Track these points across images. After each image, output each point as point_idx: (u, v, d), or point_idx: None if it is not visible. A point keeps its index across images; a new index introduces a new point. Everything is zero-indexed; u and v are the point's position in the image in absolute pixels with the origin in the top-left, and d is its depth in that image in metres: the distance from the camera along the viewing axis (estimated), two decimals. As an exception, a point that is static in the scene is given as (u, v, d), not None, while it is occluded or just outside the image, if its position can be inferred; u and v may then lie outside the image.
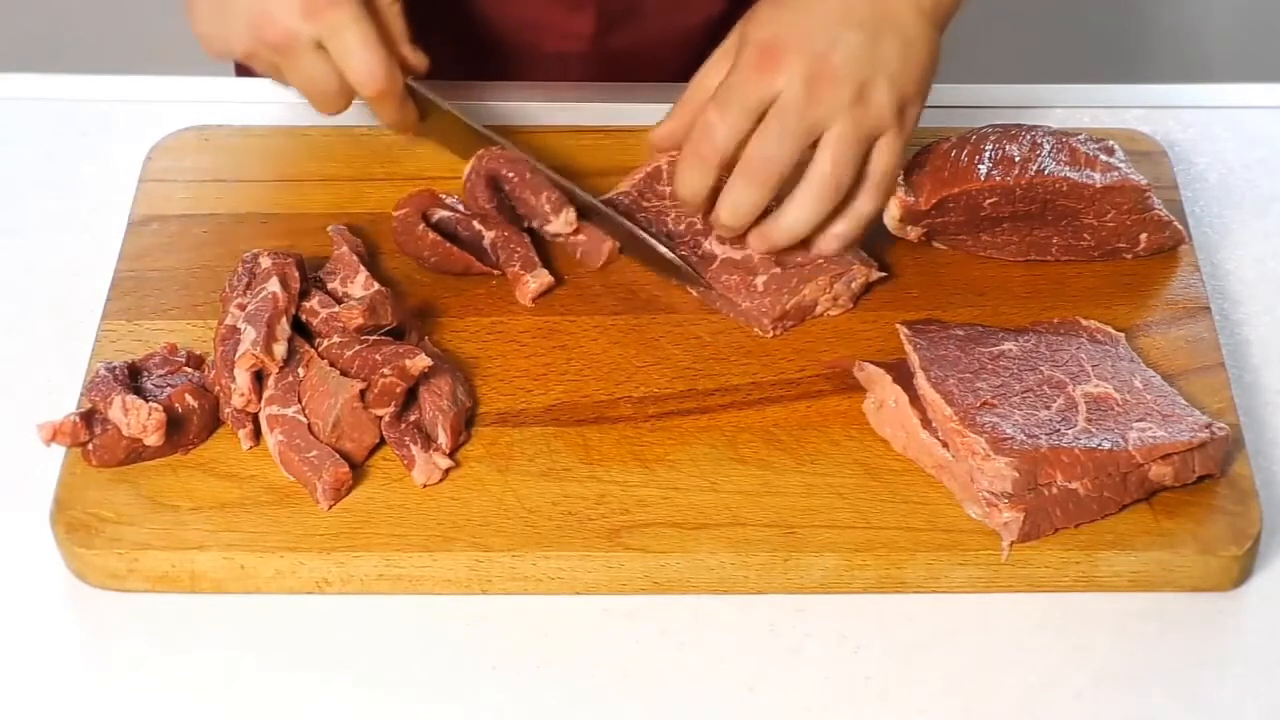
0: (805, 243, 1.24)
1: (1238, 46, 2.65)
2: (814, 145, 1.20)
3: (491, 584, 1.12)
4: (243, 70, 1.57)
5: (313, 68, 1.25)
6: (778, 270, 1.23)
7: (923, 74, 1.22)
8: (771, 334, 1.23)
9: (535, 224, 1.28)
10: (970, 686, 1.09)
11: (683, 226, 1.28)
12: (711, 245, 1.26)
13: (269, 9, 1.24)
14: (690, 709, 1.08)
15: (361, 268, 1.23)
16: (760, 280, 1.23)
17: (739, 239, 1.24)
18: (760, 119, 1.19)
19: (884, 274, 1.25)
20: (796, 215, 1.21)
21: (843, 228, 1.23)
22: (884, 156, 1.21)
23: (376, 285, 1.21)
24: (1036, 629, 1.11)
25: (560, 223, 1.26)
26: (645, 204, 1.29)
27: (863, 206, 1.23)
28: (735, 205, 1.21)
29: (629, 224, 1.26)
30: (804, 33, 1.19)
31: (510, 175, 1.27)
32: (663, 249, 1.24)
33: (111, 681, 1.09)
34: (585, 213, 1.27)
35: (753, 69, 1.19)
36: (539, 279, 1.24)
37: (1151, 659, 1.11)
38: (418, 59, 1.30)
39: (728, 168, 1.21)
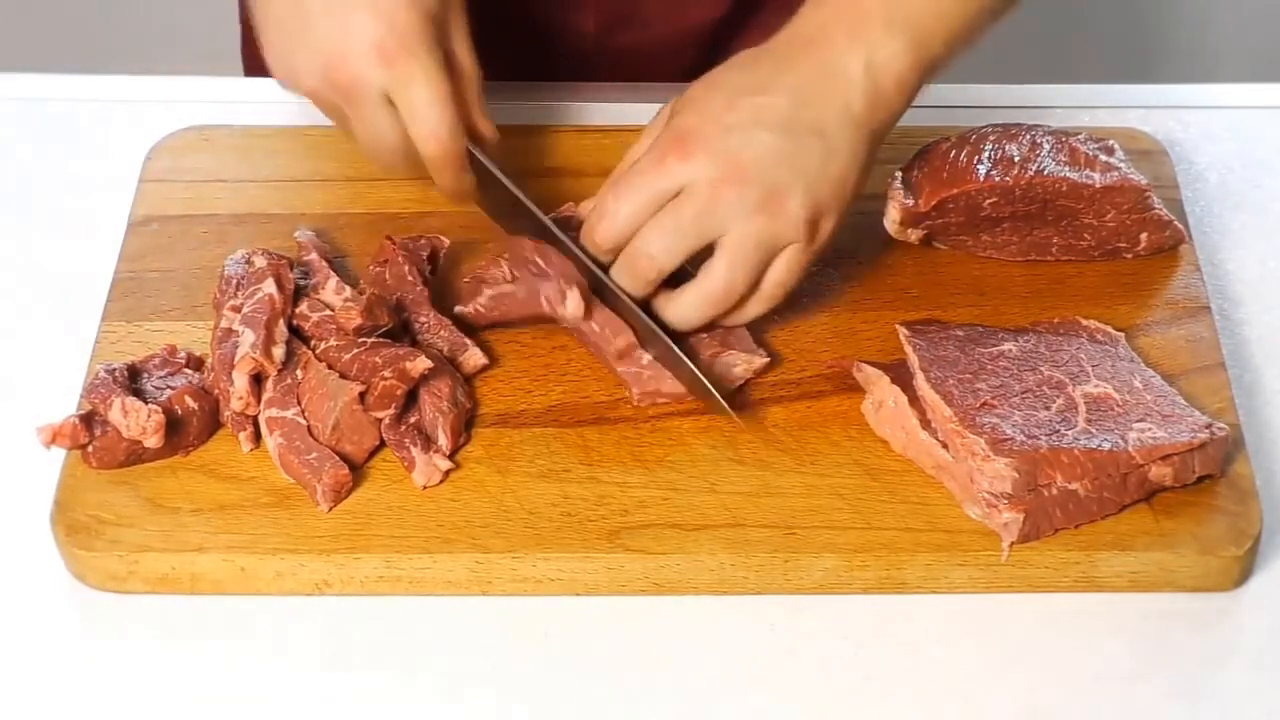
0: None
1: (1238, 46, 2.64)
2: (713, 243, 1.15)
3: (492, 585, 1.12)
4: (252, 70, 1.57)
5: (377, 119, 1.19)
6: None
7: (841, 186, 1.16)
8: (638, 404, 1.19)
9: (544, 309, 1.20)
10: (970, 686, 1.09)
11: None
12: None
13: (343, 50, 1.17)
14: (690, 709, 1.08)
15: (332, 273, 1.22)
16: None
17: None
18: (659, 207, 1.15)
19: (768, 360, 1.20)
20: (682, 311, 1.17)
21: (730, 322, 1.19)
22: (782, 268, 1.17)
23: (347, 290, 1.21)
24: (1036, 629, 1.11)
25: (570, 308, 1.18)
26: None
27: (749, 310, 1.19)
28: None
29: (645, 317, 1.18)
30: (722, 127, 1.15)
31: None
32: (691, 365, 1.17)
33: (112, 683, 1.09)
34: (597, 291, 1.20)
35: (661, 157, 1.15)
36: (473, 359, 1.20)
37: (1151, 659, 1.11)
38: (489, 130, 1.24)
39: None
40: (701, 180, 1.14)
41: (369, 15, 1.17)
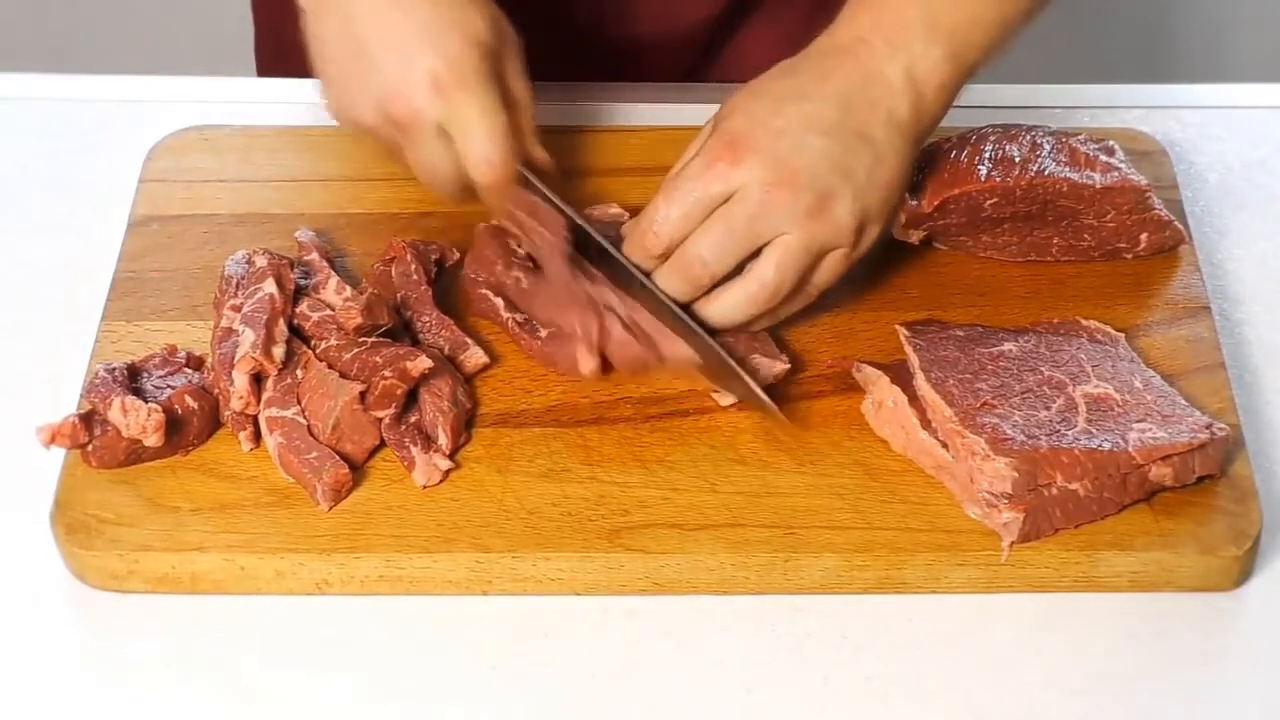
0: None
1: (1238, 46, 2.64)
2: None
3: (492, 585, 1.12)
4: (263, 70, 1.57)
5: (432, 151, 1.21)
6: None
7: (888, 192, 1.17)
8: None
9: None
10: (970, 686, 1.09)
11: None
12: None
13: (400, 86, 1.19)
14: (690, 709, 1.08)
15: (333, 273, 1.23)
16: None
17: None
18: (710, 212, 1.16)
19: (788, 365, 1.20)
20: (725, 310, 1.18)
21: (759, 325, 1.20)
22: (826, 272, 1.18)
23: (348, 290, 1.21)
24: (1036, 629, 1.11)
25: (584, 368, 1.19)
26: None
27: (785, 309, 1.19)
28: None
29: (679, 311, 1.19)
30: (772, 131, 1.15)
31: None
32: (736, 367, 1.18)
33: (112, 683, 1.09)
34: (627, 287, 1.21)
35: (711, 162, 1.15)
36: (474, 358, 1.21)
37: (1151, 659, 1.11)
38: (543, 158, 1.25)
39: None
40: (754, 184, 1.14)
41: (427, 51, 1.18)
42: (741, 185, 1.15)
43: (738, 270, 1.17)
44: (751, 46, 1.33)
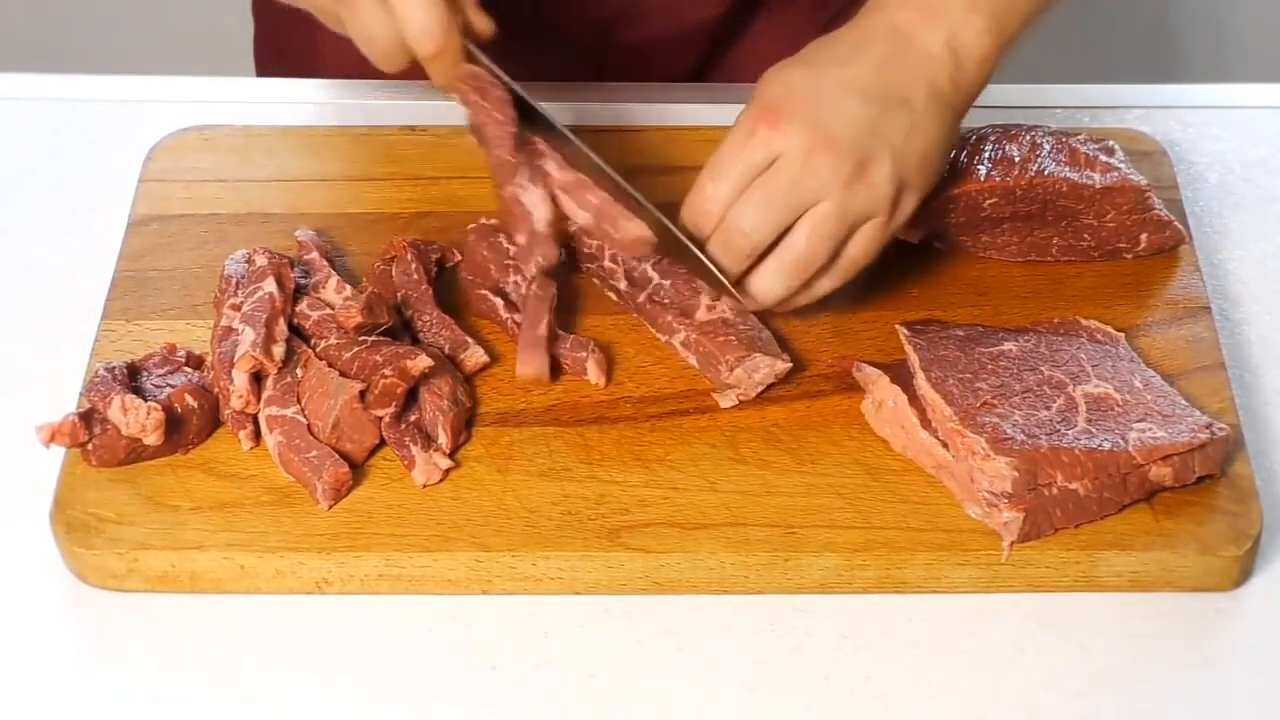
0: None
1: (1238, 46, 2.65)
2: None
3: (491, 584, 1.12)
4: (263, 69, 1.57)
5: (372, 22, 1.18)
6: (692, 336, 1.20)
7: (926, 159, 1.16)
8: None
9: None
10: (970, 686, 1.09)
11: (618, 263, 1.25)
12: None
13: None
14: (690, 709, 1.08)
15: (333, 272, 1.23)
16: (676, 340, 1.22)
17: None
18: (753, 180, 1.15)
19: (789, 366, 1.19)
20: (763, 286, 1.17)
21: (798, 300, 1.20)
22: (862, 243, 1.17)
23: (348, 289, 1.21)
24: (1036, 629, 1.11)
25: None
26: (589, 242, 1.25)
27: (821, 285, 1.19)
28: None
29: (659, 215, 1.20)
30: (809, 97, 1.15)
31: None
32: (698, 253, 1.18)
33: (111, 681, 1.09)
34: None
35: (752, 130, 1.15)
36: (474, 357, 1.21)
37: (1151, 659, 1.11)
38: (483, 24, 1.22)
39: None
40: (795, 149, 1.14)
41: None
42: (782, 150, 1.14)
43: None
44: (758, 45, 1.32)
